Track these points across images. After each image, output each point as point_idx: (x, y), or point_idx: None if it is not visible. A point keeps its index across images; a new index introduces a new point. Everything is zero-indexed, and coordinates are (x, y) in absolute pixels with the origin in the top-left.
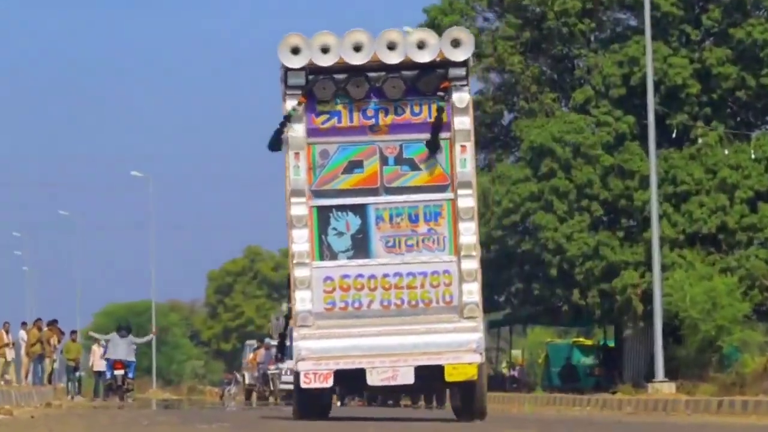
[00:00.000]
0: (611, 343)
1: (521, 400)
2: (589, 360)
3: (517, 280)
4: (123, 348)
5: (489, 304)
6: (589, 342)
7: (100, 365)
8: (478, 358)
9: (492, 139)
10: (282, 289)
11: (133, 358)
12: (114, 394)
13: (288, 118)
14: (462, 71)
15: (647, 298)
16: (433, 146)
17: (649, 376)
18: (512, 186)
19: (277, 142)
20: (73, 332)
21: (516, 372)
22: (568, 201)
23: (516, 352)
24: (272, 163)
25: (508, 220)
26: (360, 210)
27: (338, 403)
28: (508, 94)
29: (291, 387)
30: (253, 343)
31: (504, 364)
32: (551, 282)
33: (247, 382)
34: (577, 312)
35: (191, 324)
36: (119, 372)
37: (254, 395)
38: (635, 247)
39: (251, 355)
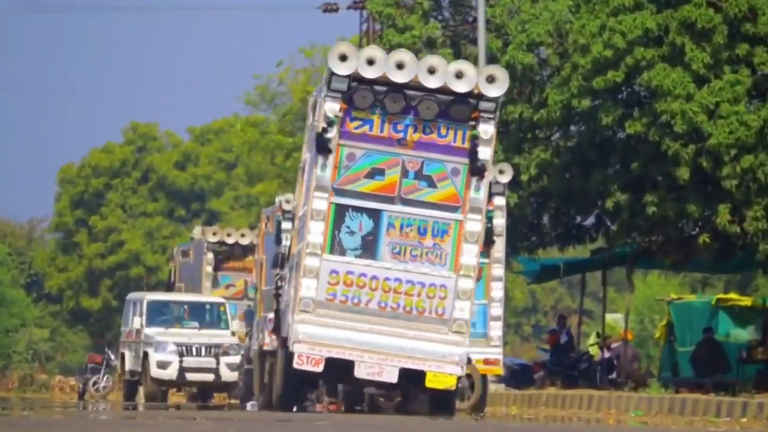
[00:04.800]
0: None
1: (623, 402)
2: (745, 333)
3: (617, 188)
4: None
5: (563, 230)
6: (746, 301)
7: None
8: (458, 371)
9: None
10: (200, 211)
11: None
12: None
13: (330, 124)
14: (492, 105)
15: None
16: (477, 171)
17: None
18: (610, 18)
19: (323, 145)
20: None
21: (613, 353)
22: (711, 45)
23: (614, 318)
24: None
25: (602, 78)
26: (374, 214)
27: None
28: None
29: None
30: (141, 297)
31: (591, 339)
32: (679, 192)
33: (128, 367)
34: (726, 247)
35: (28, 264)
36: None
37: (141, 390)
38: None
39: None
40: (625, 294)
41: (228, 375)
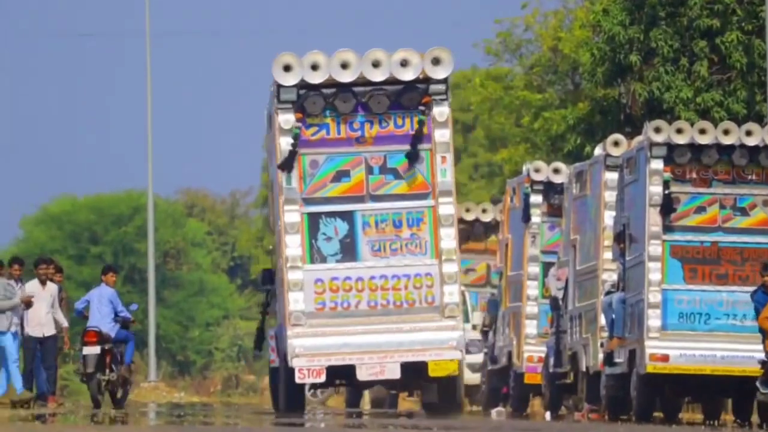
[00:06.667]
0: None
1: None
2: None
3: None
4: (99, 310)
5: None
6: None
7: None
8: (458, 355)
9: None
10: None
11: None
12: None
13: (296, 138)
14: (442, 87)
15: None
16: (413, 157)
17: None
18: None
19: (290, 162)
20: None
21: None
22: None
23: None
24: None
25: None
26: (348, 216)
27: None
28: None
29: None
30: None
31: None
32: None
33: None
34: None
35: (231, 245)
36: (92, 350)
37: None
38: None
39: None
40: None
41: (468, 377)
